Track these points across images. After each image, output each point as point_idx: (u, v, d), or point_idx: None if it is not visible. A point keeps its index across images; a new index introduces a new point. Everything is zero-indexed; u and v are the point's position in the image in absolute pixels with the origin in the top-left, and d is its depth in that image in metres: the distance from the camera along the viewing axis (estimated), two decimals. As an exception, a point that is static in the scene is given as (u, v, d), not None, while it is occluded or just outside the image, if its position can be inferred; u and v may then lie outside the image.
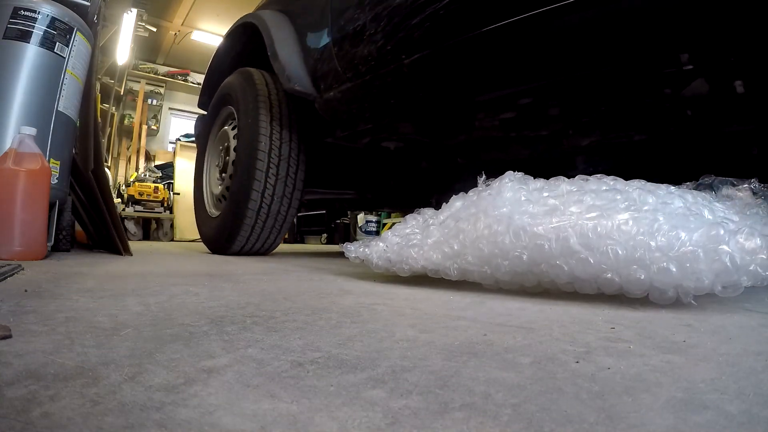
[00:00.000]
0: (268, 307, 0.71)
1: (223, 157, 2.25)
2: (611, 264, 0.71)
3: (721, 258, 0.65)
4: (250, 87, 2.04)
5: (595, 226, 0.74)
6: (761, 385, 0.36)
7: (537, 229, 0.79)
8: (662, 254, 0.68)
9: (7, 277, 0.98)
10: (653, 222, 0.71)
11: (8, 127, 1.67)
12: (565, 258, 0.75)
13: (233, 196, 1.97)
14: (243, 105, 2.04)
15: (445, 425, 0.29)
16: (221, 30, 6.02)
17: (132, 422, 0.28)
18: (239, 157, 1.97)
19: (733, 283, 0.66)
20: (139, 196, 5.42)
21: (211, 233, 2.24)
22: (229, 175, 2.13)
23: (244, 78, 2.14)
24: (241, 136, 2.00)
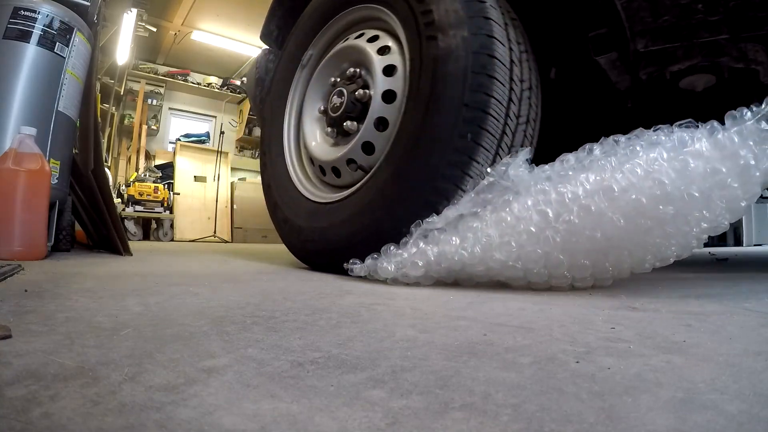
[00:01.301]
0: (268, 307, 0.71)
1: (347, 95, 1.36)
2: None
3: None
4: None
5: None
6: (761, 385, 0.36)
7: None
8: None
9: (7, 277, 0.98)
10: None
11: (8, 127, 1.67)
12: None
13: (409, 156, 1.12)
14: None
15: (445, 425, 0.29)
16: (221, 30, 6.03)
17: (132, 422, 0.28)
18: (421, 86, 1.15)
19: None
20: (139, 196, 5.41)
21: (322, 232, 1.32)
22: (376, 123, 1.27)
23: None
24: (427, 47, 1.16)
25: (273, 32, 1.99)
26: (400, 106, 1.25)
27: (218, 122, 7.18)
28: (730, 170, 0.76)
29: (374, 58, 1.34)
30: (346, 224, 1.24)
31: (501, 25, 1.17)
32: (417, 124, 1.14)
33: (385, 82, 1.30)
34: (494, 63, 1.12)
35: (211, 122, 7.40)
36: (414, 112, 1.16)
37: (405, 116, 1.20)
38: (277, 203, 1.62)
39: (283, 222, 1.58)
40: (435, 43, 1.15)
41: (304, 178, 1.60)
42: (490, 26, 1.15)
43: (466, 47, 1.12)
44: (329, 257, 1.30)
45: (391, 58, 1.33)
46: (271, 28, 1.98)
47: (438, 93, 1.12)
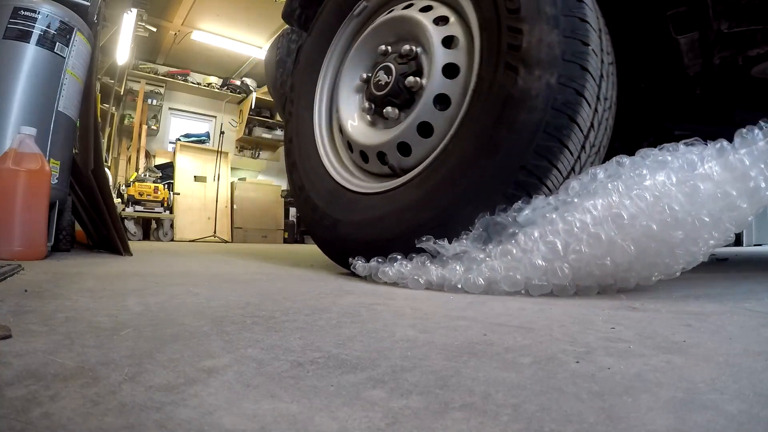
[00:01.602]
0: (268, 307, 0.71)
1: (395, 76, 1.20)
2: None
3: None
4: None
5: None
6: (761, 385, 0.36)
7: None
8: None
9: (7, 277, 0.98)
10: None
11: (8, 127, 1.68)
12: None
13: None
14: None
15: (445, 425, 0.29)
16: (221, 30, 6.03)
17: (132, 422, 0.28)
18: (480, 117, 1.00)
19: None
20: (139, 196, 5.42)
21: (365, 227, 1.19)
22: (436, 100, 1.12)
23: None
24: (503, 77, 0.98)
25: (295, 11, 1.81)
26: (452, 118, 1.11)
27: (218, 122, 7.18)
28: (740, 192, 0.75)
29: (436, 49, 1.14)
30: (395, 217, 1.11)
31: (596, 79, 0.97)
32: (469, 150, 1.00)
33: (443, 84, 1.13)
34: (573, 127, 0.95)
35: (211, 122, 7.41)
36: (469, 133, 1.02)
37: (457, 134, 1.05)
38: (304, 187, 1.45)
39: (311, 211, 1.40)
40: (512, 77, 0.96)
41: (338, 162, 1.44)
42: (584, 80, 0.94)
43: (547, 98, 0.92)
44: (374, 252, 1.13)
45: (456, 56, 1.13)
46: (293, 6, 1.81)
47: (497, 141, 0.96)
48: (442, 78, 1.13)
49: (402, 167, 1.22)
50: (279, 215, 6.79)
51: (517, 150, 0.94)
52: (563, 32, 0.94)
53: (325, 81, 1.55)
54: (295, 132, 1.57)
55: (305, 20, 1.82)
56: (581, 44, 0.95)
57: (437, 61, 1.14)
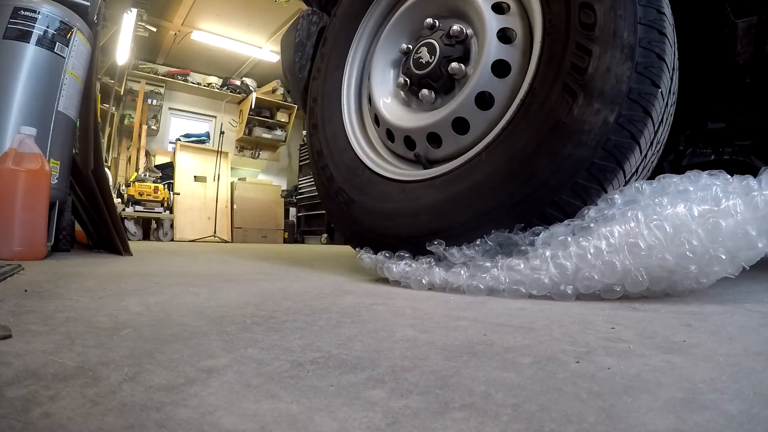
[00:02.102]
0: (268, 307, 0.71)
1: (438, 57, 1.12)
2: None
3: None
4: None
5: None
6: (761, 385, 0.36)
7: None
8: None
9: (7, 277, 0.98)
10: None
11: (8, 127, 1.68)
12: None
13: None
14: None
15: (445, 425, 0.29)
16: (221, 30, 6.03)
17: (132, 422, 0.28)
18: (522, 134, 0.93)
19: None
20: (139, 196, 5.42)
21: (379, 217, 1.14)
22: (478, 97, 1.04)
23: None
24: (558, 99, 0.90)
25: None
26: (493, 122, 1.03)
27: (218, 122, 7.18)
28: (760, 232, 0.74)
29: (489, 39, 1.03)
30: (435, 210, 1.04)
31: (655, 123, 0.88)
32: (502, 167, 0.93)
33: (489, 81, 1.03)
34: (618, 172, 0.88)
35: (211, 122, 7.41)
36: (507, 148, 0.95)
37: (493, 143, 0.98)
38: (334, 178, 1.32)
39: (342, 203, 1.27)
40: (568, 102, 0.87)
41: (362, 135, 1.35)
42: (644, 125, 0.86)
43: (600, 137, 0.84)
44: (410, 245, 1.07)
45: (509, 53, 1.03)
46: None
47: (535, 169, 0.89)
48: (489, 74, 1.03)
49: (428, 158, 1.16)
50: (279, 215, 6.79)
51: (553, 184, 0.88)
52: (636, 66, 0.84)
53: (360, 43, 1.43)
54: (321, 92, 1.46)
55: (326, 1, 1.74)
56: (652, 85, 0.85)
57: (488, 53, 1.03)
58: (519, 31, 1.04)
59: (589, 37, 0.87)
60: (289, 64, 1.88)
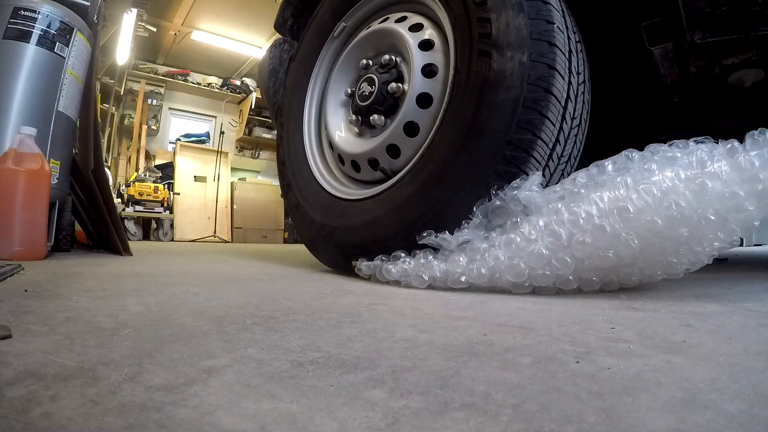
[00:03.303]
0: (268, 307, 0.71)
1: (378, 84, 1.25)
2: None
3: None
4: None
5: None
6: (761, 385, 0.36)
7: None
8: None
9: (7, 277, 0.98)
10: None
11: (8, 127, 1.68)
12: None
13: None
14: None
15: (445, 425, 0.29)
16: (221, 30, 6.03)
17: (132, 422, 0.28)
18: (461, 108, 1.04)
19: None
20: (139, 196, 5.42)
21: (362, 229, 1.20)
22: (418, 99, 1.17)
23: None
24: (478, 63, 1.03)
25: (287, 21, 1.86)
26: (436, 113, 1.15)
27: (218, 122, 7.18)
28: (748, 193, 0.74)
29: (414, 53, 1.20)
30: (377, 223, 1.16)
31: (564, 53, 1.03)
32: (454, 137, 1.04)
33: (424, 84, 1.18)
34: (550, 98, 1.00)
35: (211, 122, 7.41)
36: (453, 122, 1.06)
37: (441, 126, 1.09)
38: (301, 204, 1.48)
39: (307, 224, 1.42)
40: (486, 61, 1.02)
41: (330, 177, 1.48)
42: (554, 54, 1.00)
43: (522, 75, 0.98)
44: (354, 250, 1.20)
45: (433, 57, 1.20)
46: (285, 17, 1.85)
47: (481, 123, 1.00)
48: (422, 79, 1.18)
49: (393, 169, 1.24)
50: (279, 215, 6.79)
51: (500, 127, 0.99)
52: (528, 15, 1.00)
53: (312, 101, 1.61)
54: (287, 154, 1.62)
55: (297, 30, 1.87)
56: (546, 23, 1.01)
57: (416, 63, 1.19)
58: (436, 39, 1.21)
59: (485, 9, 1.05)
60: (264, 89, 2.02)
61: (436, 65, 1.18)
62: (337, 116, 1.47)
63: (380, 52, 1.36)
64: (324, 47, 1.59)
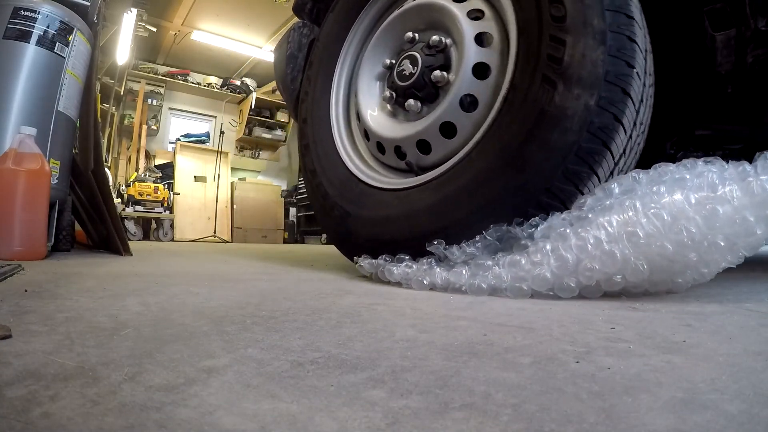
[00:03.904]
0: (268, 307, 0.71)
1: (421, 67, 1.14)
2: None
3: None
4: None
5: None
6: (761, 385, 0.36)
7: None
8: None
9: (7, 277, 0.98)
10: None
11: (8, 127, 1.68)
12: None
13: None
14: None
15: (445, 425, 0.29)
16: (221, 30, 6.02)
17: (132, 422, 0.28)
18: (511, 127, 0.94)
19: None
20: (139, 196, 5.42)
21: (375, 225, 1.15)
22: (462, 100, 1.06)
23: None
24: (539, 89, 0.92)
25: (307, 4, 1.74)
26: (478, 122, 1.05)
27: (218, 122, 7.18)
28: (758, 218, 0.73)
29: (468, 45, 1.06)
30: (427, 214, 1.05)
31: (635, 104, 0.91)
32: (494, 161, 0.95)
33: (471, 84, 1.06)
34: (605, 154, 0.90)
35: (211, 122, 7.41)
36: (496, 142, 0.96)
37: (482, 141, 1.00)
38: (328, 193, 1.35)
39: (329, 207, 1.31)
40: (549, 92, 0.90)
41: (353, 150, 1.38)
42: (624, 105, 0.89)
43: (583, 120, 0.87)
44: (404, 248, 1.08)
45: (489, 55, 1.07)
46: (305, 0, 1.73)
47: (526, 158, 0.91)
48: (471, 77, 1.06)
49: (420, 165, 1.18)
50: (279, 215, 6.79)
51: (545, 171, 0.90)
52: (609, 50, 0.87)
53: (345, 63, 1.49)
54: (310, 113, 1.50)
55: (317, 14, 1.75)
56: (626, 66, 0.89)
57: (468, 58, 1.06)
58: (495, 36, 1.08)
59: (562, 28, 0.91)
60: (281, 76, 1.90)
61: (489, 66, 1.07)
62: (370, 89, 1.35)
63: (430, 27, 1.23)
64: (365, 8, 1.44)
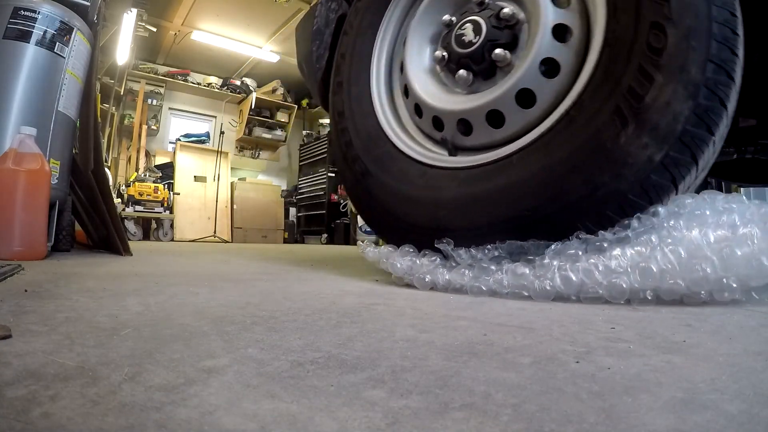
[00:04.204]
0: (268, 307, 0.71)
1: (485, 30, 1.02)
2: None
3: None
4: None
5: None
6: (761, 385, 0.36)
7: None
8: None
9: (7, 277, 0.98)
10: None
11: (8, 127, 1.68)
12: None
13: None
14: None
15: (445, 425, 0.29)
16: (221, 30, 6.02)
17: (132, 422, 0.28)
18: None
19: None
20: (139, 196, 5.42)
21: (394, 198, 1.09)
22: (519, 93, 0.96)
23: None
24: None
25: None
26: (530, 122, 0.96)
27: (218, 122, 7.18)
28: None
29: (542, 32, 0.93)
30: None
31: (698, 170, 0.83)
32: (532, 179, 0.86)
33: (534, 78, 0.94)
34: (649, 211, 0.82)
35: (211, 122, 7.40)
36: (540, 159, 0.87)
37: (527, 148, 0.91)
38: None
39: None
40: (617, 127, 0.80)
41: (388, 103, 1.26)
42: (688, 170, 0.80)
43: (642, 173, 0.79)
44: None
45: (562, 52, 0.94)
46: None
47: (566, 190, 0.83)
48: (536, 71, 0.94)
49: (455, 144, 1.07)
50: (279, 215, 6.79)
51: (580, 209, 0.84)
52: (696, 108, 0.77)
53: (399, 4, 1.34)
54: (350, 48, 1.37)
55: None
56: (707, 131, 0.79)
57: (538, 48, 0.93)
58: (576, 32, 0.94)
59: (655, 63, 0.78)
60: (305, 54, 1.73)
61: (559, 64, 0.94)
62: (421, 42, 1.21)
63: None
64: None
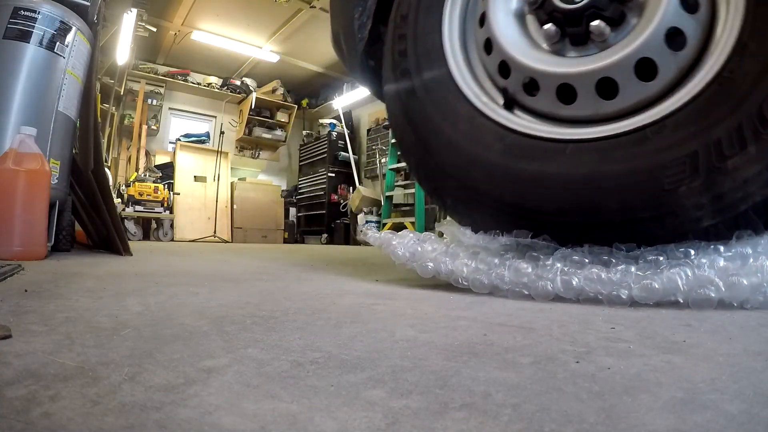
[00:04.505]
0: (268, 307, 0.71)
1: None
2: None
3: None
4: None
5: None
6: (761, 385, 0.36)
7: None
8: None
9: (7, 277, 0.98)
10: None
11: (8, 127, 1.68)
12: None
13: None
14: None
15: (445, 425, 0.29)
16: (221, 30, 6.02)
17: (132, 422, 0.28)
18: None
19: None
20: (139, 196, 5.42)
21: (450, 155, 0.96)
22: (639, 63, 0.81)
23: None
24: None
25: None
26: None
27: (218, 122, 7.18)
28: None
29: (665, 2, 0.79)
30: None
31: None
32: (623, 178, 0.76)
33: (655, 48, 0.80)
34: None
35: (211, 122, 7.40)
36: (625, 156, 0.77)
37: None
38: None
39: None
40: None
41: (460, 47, 1.07)
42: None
43: (742, 196, 0.72)
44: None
45: (688, 23, 0.80)
46: None
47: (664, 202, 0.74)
48: (661, 43, 0.80)
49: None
50: (279, 215, 6.80)
51: (737, 201, 0.74)
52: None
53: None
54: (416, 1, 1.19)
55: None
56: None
57: (663, 13, 0.79)
58: (704, 5, 0.82)
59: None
60: (345, 23, 1.49)
61: (685, 35, 0.81)
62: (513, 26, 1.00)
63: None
64: None
